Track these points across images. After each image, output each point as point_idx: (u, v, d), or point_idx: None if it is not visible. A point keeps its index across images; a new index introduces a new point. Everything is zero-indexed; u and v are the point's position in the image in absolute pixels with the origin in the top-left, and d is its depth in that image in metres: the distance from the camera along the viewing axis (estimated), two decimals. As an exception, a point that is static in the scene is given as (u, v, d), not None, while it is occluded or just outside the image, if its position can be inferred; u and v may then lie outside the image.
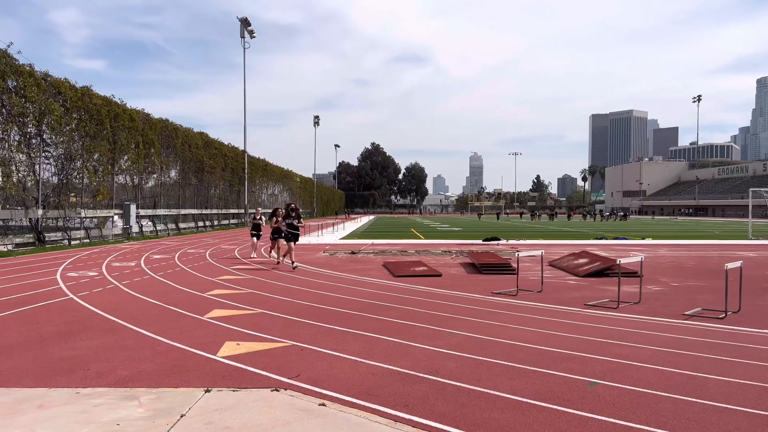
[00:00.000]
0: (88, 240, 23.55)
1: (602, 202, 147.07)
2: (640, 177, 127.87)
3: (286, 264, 14.58)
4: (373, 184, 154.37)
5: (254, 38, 45.31)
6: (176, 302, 9.00)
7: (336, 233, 33.28)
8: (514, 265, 13.03)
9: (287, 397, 4.51)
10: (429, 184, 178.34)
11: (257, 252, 16.91)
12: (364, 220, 65.76)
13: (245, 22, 44.17)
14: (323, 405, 4.31)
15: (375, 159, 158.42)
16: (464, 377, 5.05)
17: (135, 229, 27.50)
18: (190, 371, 5.23)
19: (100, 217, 25.51)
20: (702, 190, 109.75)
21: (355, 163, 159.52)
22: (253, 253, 17.05)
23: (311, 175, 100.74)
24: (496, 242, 25.08)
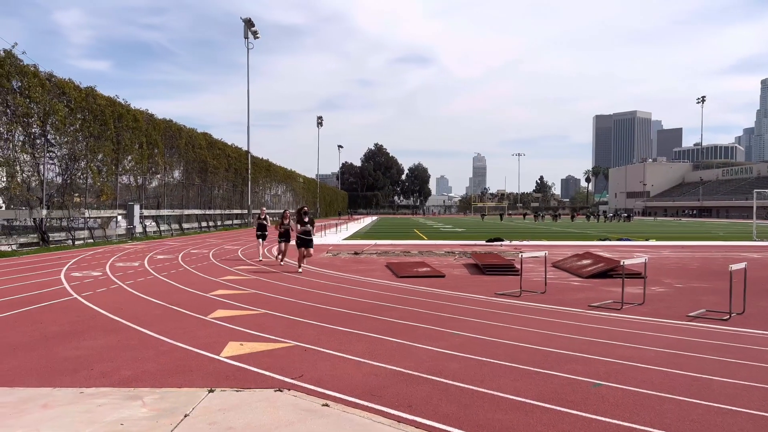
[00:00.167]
0: (92, 240, 23.62)
1: (606, 203, 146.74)
2: (643, 178, 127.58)
3: (289, 264, 14.57)
4: (376, 184, 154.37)
5: (258, 39, 45.42)
6: (180, 302, 9.02)
7: (339, 234, 33.30)
8: (518, 266, 13.00)
9: (290, 397, 4.51)
10: (432, 185, 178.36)
11: (261, 252, 16.68)
12: (367, 221, 65.77)
13: (249, 23, 44.26)
14: (326, 405, 4.31)
15: (378, 159, 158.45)
16: (468, 378, 5.05)
17: (138, 229, 27.57)
18: (193, 371, 5.24)
19: (103, 217, 25.59)
20: (706, 192, 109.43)
21: (358, 163, 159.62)
22: (261, 255, 16.64)
23: (314, 176, 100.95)
24: (499, 243, 25.06)
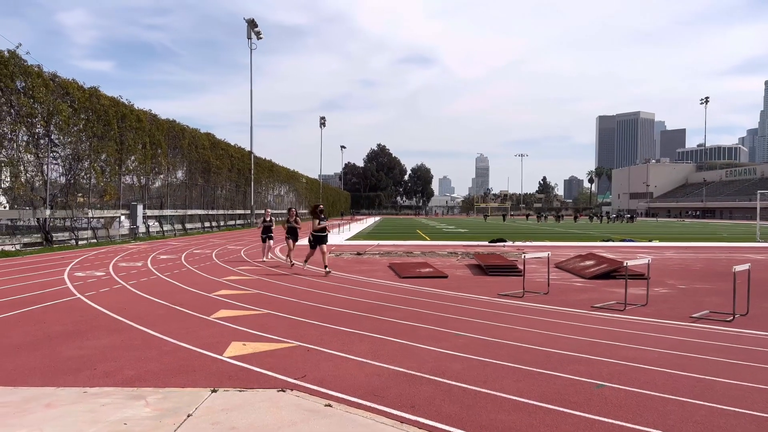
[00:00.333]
0: (96, 240, 23.67)
1: (609, 204, 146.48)
2: (647, 179, 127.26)
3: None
4: (379, 185, 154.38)
5: (261, 39, 45.48)
6: (183, 302, 9.03)
7: (342, 234, 33.31)
8: (521, 266, 12.99)
9: (293, 397, 4.51)
10: (435, 186, 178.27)
11: (272, 253, 16.38)
12: (369, 222, 65.77)
13: (252, 24, 44.31)
14: (329, 406, 4.31)
15: (381, 160, 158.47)
16: (470, 379, 5.05)
17: (142, 229, 27.61)
18: (196, 371, 5.24)
19: (107, 217, 25.64)
20: (709, 192, 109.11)
21: (360, 164, 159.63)
22: (266, 256, 16.41)
23: (317, 176, 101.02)
24: (502, 244, 25.05)
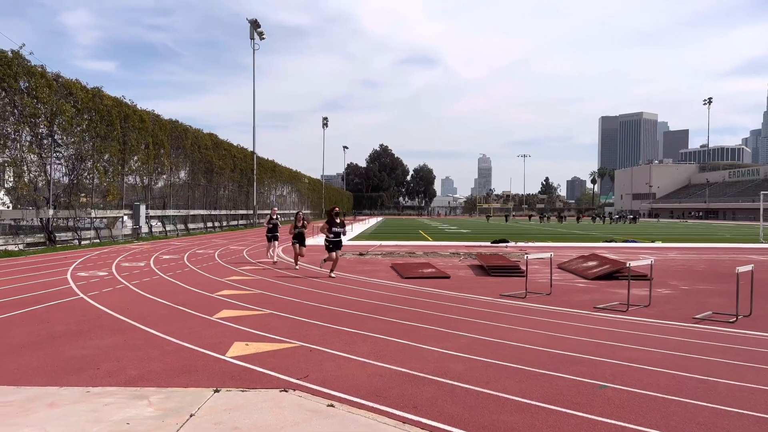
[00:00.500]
0: (98, 240, 23.72)
1: (611, 204, 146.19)
2: (649, 180, 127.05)
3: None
4: (381, 185, 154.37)
5: (263, 40, 45.50)
6: (185, 302, 9.04)
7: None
8: (523, 267, 12.98)
9: (296, 397, 4.52)
10: (437, 186, 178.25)
11: (274, 254, 16.21)
12: (372, 222, 65.76)
13: (255, 24, 44.34)
14: (332, 406, 4.32)
15: (383, 160, 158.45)
16: (473, 379, 5.04)
17: (144, 229, 27.66)
18: (199, 371, 5.25)
19: (110, 217, 25.68)
20: (712, 193, 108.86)
21: (363, 164, 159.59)
22: (273, 257, 16.17)
23: (319, 177, 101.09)
24: (504, 244, 25.02)
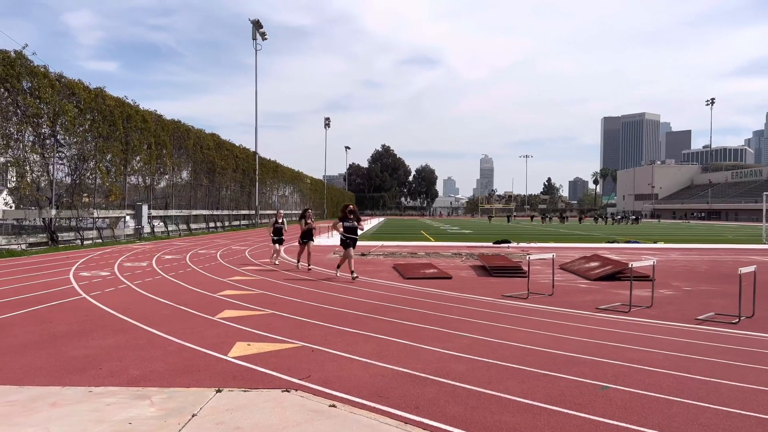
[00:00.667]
0: (101, 240, 23.76)
1: (614, 205, 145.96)
2: (652, 180, 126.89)
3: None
4: (383, 186, 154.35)
5: (266, 40, 45.52)
6: (187, 302, 9.05)
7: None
8: (525, 268, 12.97)
9: (298, 397, 4.52)
10: (439, 186, 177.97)
11: (278, 257, 16.08)
12: (374, 222, 65.76)
13: (257, 24, 44.35)
14: (334, 406, 4.32)
15: (385, 161, 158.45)
16: (475, 380, 5.04)
17: (147, 229, 27.70)
18: (201, 371, 5.25)
19: (112, 217, 25.74)
20: (715, 194, 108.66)
21: (365, 164, 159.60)
22: (276, 259, 16.01)
23: (322, 177, 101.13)
24: (506, 245, 25.00)
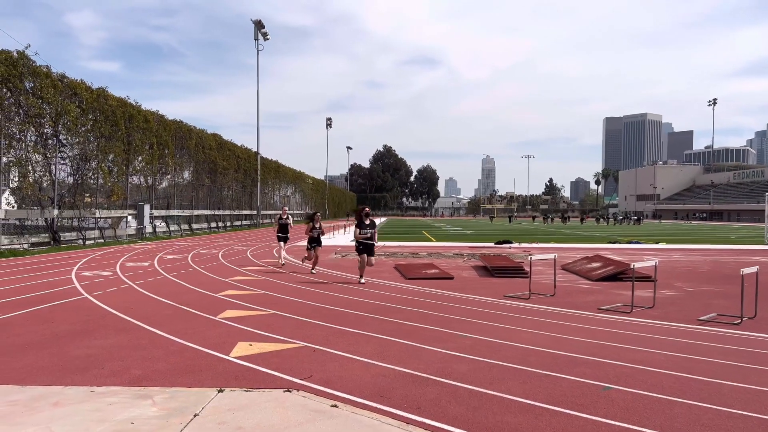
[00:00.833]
0: (103, 240, 23.79)
1: (616, 205, 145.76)
2: (654, 181, 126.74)
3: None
4: (385, 186, 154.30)
5: (268, 40, 45.56)
6: (189, 302, 9.06)
7: (347, 235, 33.27)
8: (527, 268, 12.96)
9: (299, 397, 4.52)
10: (441, 187, 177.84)
11: (281, 255, 16.01)
12: (375, 222, 65.69)
13: (259, 25, 44.38)
14: (335, 406, 4.32)
15: (387, 161, 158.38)
16: (476, 380, 5.04)
17: (148, 229, 27.72)
18: (203, 371, 5.26)
19: (114, 217, 25.76)
20: (717, 195, 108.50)
21: (366, 165, 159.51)
22: (282, 259, 15.82)
23: (323, 177, 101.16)
24: (508, 245, 24.98)
